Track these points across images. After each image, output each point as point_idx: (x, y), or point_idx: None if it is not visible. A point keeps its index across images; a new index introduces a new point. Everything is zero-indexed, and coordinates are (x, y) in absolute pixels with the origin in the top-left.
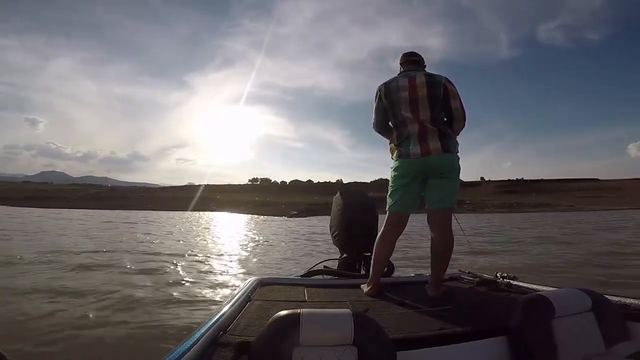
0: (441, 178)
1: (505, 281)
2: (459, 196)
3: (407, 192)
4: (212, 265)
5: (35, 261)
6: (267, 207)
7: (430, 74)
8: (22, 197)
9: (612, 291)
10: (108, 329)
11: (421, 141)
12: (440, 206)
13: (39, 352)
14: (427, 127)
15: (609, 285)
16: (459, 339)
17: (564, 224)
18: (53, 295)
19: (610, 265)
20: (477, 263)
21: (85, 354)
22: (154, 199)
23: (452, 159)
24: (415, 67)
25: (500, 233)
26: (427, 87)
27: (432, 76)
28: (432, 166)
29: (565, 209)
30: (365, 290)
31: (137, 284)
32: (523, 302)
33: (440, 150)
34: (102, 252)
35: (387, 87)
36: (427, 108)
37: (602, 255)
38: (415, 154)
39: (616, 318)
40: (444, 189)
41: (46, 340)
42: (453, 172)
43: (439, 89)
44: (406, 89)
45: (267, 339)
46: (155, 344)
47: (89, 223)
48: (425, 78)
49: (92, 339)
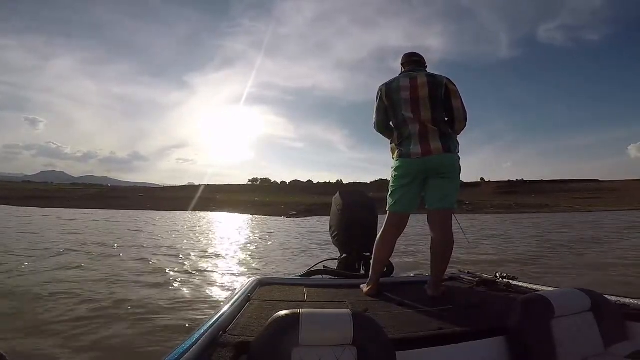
0: (442, 178)
1: (505, 281)
2: (459, 197)
3: (408, 192)
4: (206, 262)
5: (40, 258)
6: (267, 207)
7: (431, 74)
8: (23, 197)
9: (612, 291)
10: (109, 328)
11: (422, 141)
12: (440, 206)
13: (40, 352)
14: (428, 127)
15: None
16: (458, 339)
17: (551, 224)
18: (53, 293)
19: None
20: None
21: (86, 354)
22: (154, 198)
23: (453, 159)
24: (417, 67)
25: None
26: (429, 88)
27: (433, 76)
28: (433, 166)
29: (563, 209)
30: (365, 290)
31: (138, 280)
32: (522, 302)
33: (441, 150)
34: (101, 254)
35: (388, 87)
36: (428, 108)
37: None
38: (416, 154)
39: (615, 318)
40: (444, 188)
41: (47, 341)
42: (453, 172)
43: (440, 89)
44: (407, 89)
45: (267, 339)
46: (155, 344)
47: (93, 222)
48: (427, 78)
49: (93, 338)
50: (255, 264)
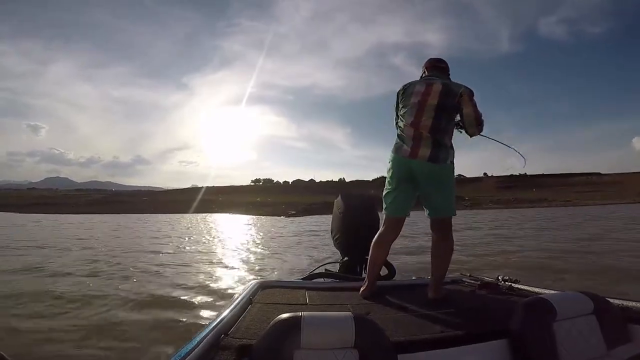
0: (430, 186)
1: (507, 284)
2: (459, 192)
3: (399, 195)
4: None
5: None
6: (268, 207)
7: (448, 82)
8: (29, 204)
9: (614, 294)
10: (111, 329)
11: (413, 144)
12: (433, 215)
13: (40, 351)
14: (422, 134)
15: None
16: (460, 342)
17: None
18: (59, 298)
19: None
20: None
21: (88, 352)
22: (158, 202)
23: (437, 169)
24: (439, 74)
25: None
26: (440, 96)
27: (449, 85)
28: (418, 172)
29: (561, 204)
30: (360, 292)
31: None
32: (524, 305)
33: (426, 158)
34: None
35: (405, 89)
36: (431, 117)
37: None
38: (405, 153)
39: (617, 321)
40: (433, 199)
41: (51, 342)
42: (440, 183)
43: (452, 98)
44: (419, 95)
45: (268, 342)
46: (157, 345)
47: (99, 228)
48: (442, 87)
49: (94, 338)
50: (244, 253)
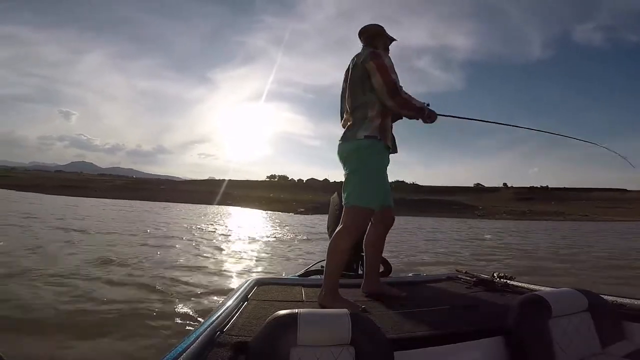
0: (345, 171)
1: (502, 281)
2: (473, 202)
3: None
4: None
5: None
6: (279, 203)
7: (357, 55)
8: (56, 186)
9: (608, 291)
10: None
11: (344, 130)
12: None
13: (40, 351)
14: (347, 118)
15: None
16: (456, 339)
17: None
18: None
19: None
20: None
21: (90, 351)
22: (175, 191)
23: (347, 148)
24: (364, 45)
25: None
26: (349, 73)
27: (354, 59)
28: (339, 156)
29: (578, 218)
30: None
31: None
32: (519, 302)
33: (340, 138)
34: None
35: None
36: (348, 96)
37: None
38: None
39: (612, 318)
40: (345, 185)
41: (51, 342)
42: (350, 163)
43: (358, 71)
44: (346, 79)
45: (265, 339)
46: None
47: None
48: (350, 63)
49: (94, 332)
50: (245, 242)
